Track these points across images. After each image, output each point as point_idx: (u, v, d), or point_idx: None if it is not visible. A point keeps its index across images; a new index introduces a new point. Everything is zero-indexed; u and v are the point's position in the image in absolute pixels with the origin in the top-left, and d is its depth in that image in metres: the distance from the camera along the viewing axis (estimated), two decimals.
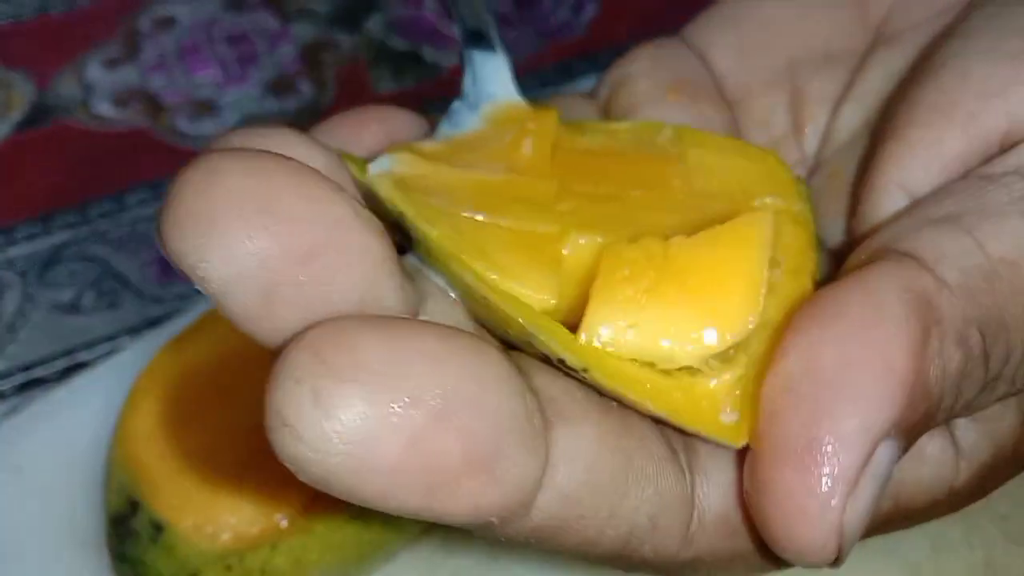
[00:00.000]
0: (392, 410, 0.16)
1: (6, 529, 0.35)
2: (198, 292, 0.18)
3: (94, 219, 0.49)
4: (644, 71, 0.27)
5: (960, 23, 0.24)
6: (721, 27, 0.28)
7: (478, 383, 0.17)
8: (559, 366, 0.19)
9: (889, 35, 0.27)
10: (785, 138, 0.27)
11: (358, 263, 0.17)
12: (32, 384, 0.43)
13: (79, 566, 0.34)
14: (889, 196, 0.22)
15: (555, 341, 0.19)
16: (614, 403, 0.19)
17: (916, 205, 0.22)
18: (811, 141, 0.27)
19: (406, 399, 0.16)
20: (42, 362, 0.44)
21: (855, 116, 0.26)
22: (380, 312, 0.18)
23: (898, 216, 0.22)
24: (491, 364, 0.17)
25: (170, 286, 0.46)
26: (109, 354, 0.42)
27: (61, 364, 0.43)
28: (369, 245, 0.17)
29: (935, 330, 0.19)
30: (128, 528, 0.31)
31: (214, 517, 0.30)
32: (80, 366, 0.43)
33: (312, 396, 0.15)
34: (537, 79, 0.55)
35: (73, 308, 0.45)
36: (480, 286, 0.19)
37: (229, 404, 0.31)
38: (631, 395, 0.19)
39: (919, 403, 0.18)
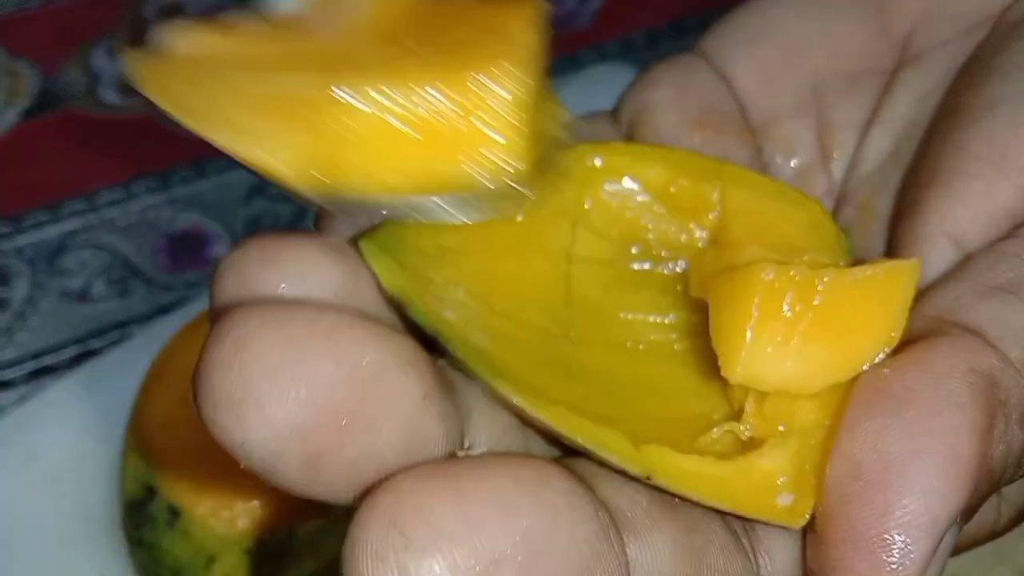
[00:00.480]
0: (476, 574, 0.16)
1: (21, 515, 0.35)
2: (208, 280, 0.17)
3: (102, 207, 0.49)
4: (668, 101, 0.26)
5: (998, 54, 0.24)
6: (742, 45, 0.27)
7: (551, 520, 0.17)
8: (620, 472, 0.19)
9: (914, 54, 0.26)
10: (812, 166, 0.27)
11: (398, 410, 0.17)
12: (43, 372, 0.43)
13: (94, 550, 0.34)
14: (937, 246, 0.22)
15: (615, 456, 0.19)
16: (676, 499, 0.19)
17: (970, 266, 0.22)
18: (839, 169, 0.26)
19: (488, 560, 0.16)
20: (52, 350, 0.44)
21: (883, 142, 0.26)
22: (424, 444, 0.18)
23: (952, 278, 0.22)
24: (560, 493, 0.17)
25: (179, 274, 0.46)
26: (120, 341, 0.42)
27: (71, 351, 0.43)
28: (407, 387, 0.18)
29: (1000, 412, 0.19)
30: (145, 513, 0.31)
31: (231, 502, 0.30)
32: (91, 353, 0.43)
33: (397, 572, 0.16)
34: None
35: (83, 296, 0.45)
36: (538, 413, 0.19)
37: None
38: (693, 493, 0.19)
39: (983, 486, 0.19)
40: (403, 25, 0.20)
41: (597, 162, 0.22)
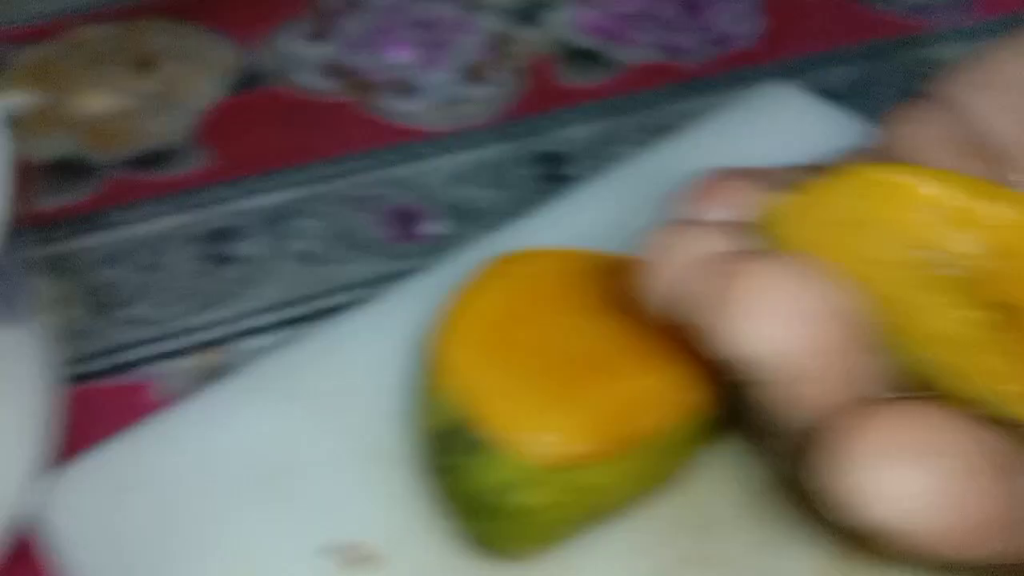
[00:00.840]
0: (941, 481, 0.20)
1: (295, 449, 0.38)
2: (439, 248, 0.21)
3: (316, 181, 0.52)
4: (923, 135, 0.30)
5: None
6: (979, 87, 0.31)
7: (980, 449, 0.21)
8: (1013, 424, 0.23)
9: None
10: None
11: (851, 349, 0.22)
12: (285, 323, 0.45)
13: (384, 479, 0.37)
14: None
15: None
16: None
17: None
18: None
19: (946, 469, 0.20)
20: (289, 304, 0.46)
21: None
22: (866, 385, 0.22)
23: None
24: (979, 429, 0.21)
25: (398, 245, 0.49)
26: (353, 302, 0.45)
27: (303, 309, 0.46)
28: (859, 331, 0.22)
29: None
30: (451, 443, 0.34)
31: (539, 435, 0.33)
32: (326, 311, 0.45)
33: (880, 479, 0.20)
34: (707, 86, 0.58)
35: (308, 257, 0.48)
36: (953, 380, 0.23)
37: (552, 329, 0.34)
38: None
39: None
40: None
41: (890, 178, 0.26)
